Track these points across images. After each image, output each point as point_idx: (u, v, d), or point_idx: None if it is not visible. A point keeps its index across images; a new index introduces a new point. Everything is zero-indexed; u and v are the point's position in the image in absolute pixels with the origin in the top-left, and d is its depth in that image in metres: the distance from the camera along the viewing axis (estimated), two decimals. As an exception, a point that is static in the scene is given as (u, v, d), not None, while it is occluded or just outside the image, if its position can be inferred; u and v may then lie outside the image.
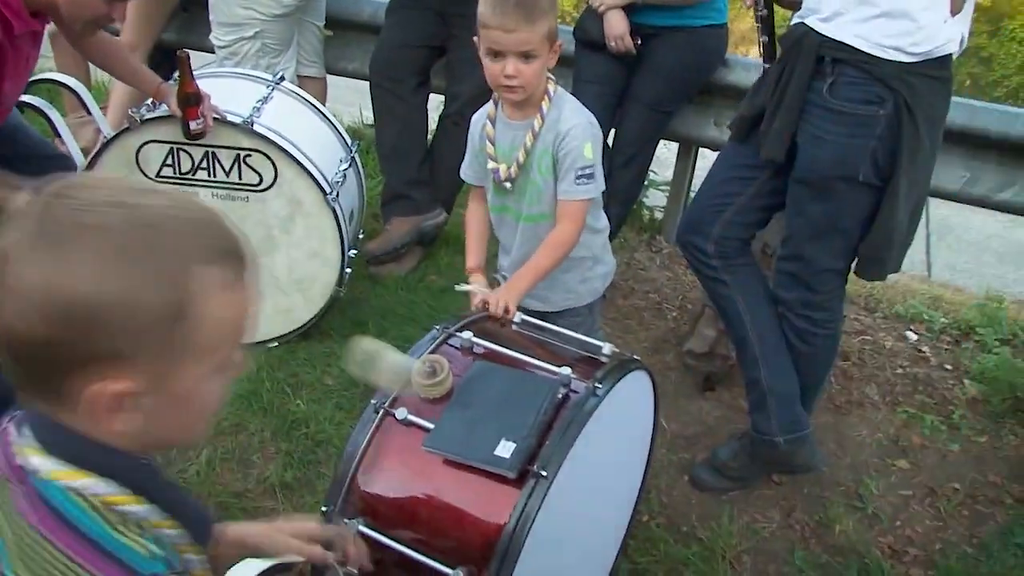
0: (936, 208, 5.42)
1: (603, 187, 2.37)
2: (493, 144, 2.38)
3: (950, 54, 2.27)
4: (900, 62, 2.20)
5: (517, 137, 2.32)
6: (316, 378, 3.16)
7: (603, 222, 2.53)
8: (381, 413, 1.84)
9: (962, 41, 2.28)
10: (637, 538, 2.66)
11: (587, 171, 2.26)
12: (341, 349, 3.27)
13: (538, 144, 2.29)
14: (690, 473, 2.91)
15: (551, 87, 2.29)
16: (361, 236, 3.62)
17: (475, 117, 2.46)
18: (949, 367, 3.54)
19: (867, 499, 2.89)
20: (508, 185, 2.37)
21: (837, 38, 2.27)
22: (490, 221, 2.54)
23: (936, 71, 2.25)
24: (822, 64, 2.31)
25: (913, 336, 3.73)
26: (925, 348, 3.65)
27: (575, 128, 2.27)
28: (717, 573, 2.60)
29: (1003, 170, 3.38)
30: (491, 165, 2.38)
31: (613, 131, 3.50)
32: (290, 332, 3.29)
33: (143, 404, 0.91)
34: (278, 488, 2.78)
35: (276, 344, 3.28)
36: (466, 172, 2.53)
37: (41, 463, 0.92)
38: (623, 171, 3.46)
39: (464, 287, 2.33)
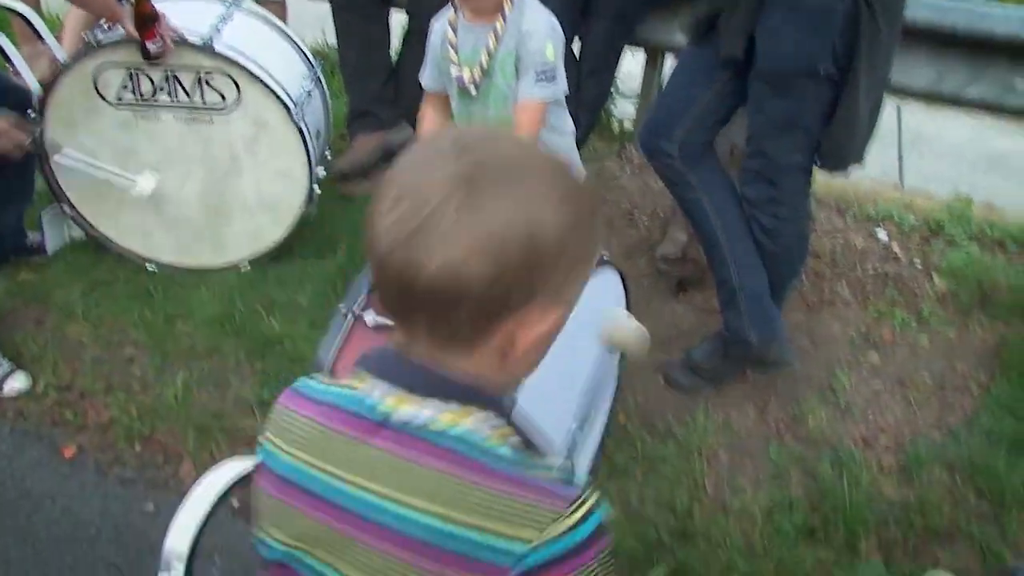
0: (909, 117, 5.43)
1: (565, 89, 2.35)
2: (455, 50, 2.36)
3: None
4: None
5: (479, 40, 2.30)
6: (289, 298, 3.16)
7: (569, 125, 2.52)
8: (350, 318, 1.85)
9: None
10: (614, 437, 2.70)
11: (547, 72, 2.25)
12: (313, 269, 3.27)
13: (501, 47, 2.27)
14: (664, 373, 2.94)
15: None
16: (329, 156, 3.59)
17: (435, 23, 2.43)
18: (919, 264, 3.57)
19: (839, 392, 2.94)
20: (473, 90, 2.35)
21: None
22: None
23: None
24: None
25: (883, 235, 3.75)
26: (895, 246, 3.68)
27: (537, 29, 2.25)
28: (694, 470, 2.66)
29: (970, 67, 3.36)
30: (454, 71, 2.36)
31: (579, 40, 3.46)
32: (261, 254, 3.27)
33: (545, 343, 0.95)
34: (256, 406, 2.80)
35: (248, 266, 3.27)
36: (425, 78, 2.51)
37: (416, 412, 0.92)
38: (590, 80, 3.43)
39: None
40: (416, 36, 3.53)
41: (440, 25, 2.41)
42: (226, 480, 1.65)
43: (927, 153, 5.22)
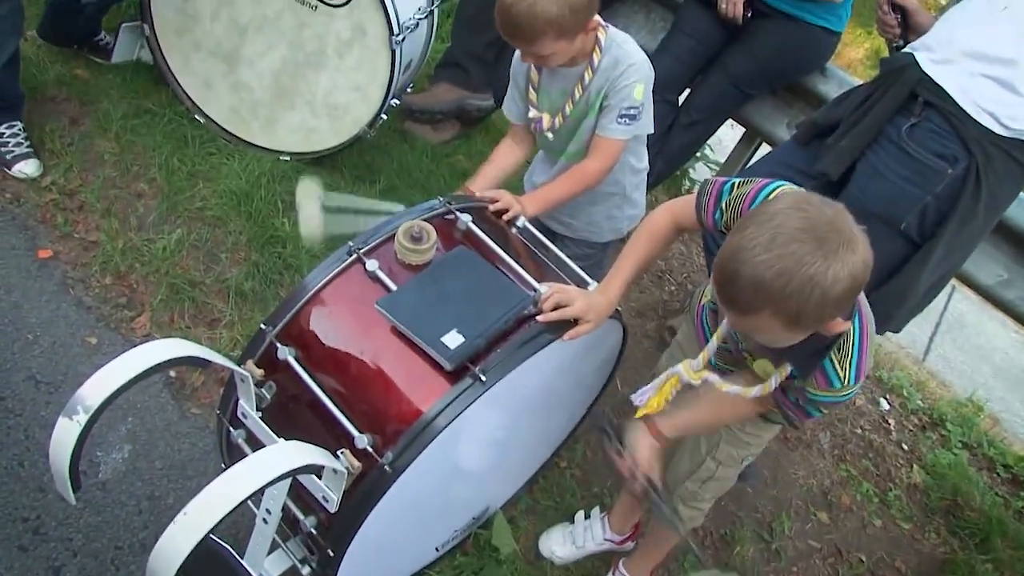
0: (957, 302, 5.36)
1: (649, 128, 2.25)
2: (536, 91, 2.24)
3: None
4: (989, 130, 2.11)
5: (568, 86, 2.17)
6: (311, 206, 3.11)
7: (643, 162, 2.42)
8: (353, 257, 1.80)
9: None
10: (548, 480, 2.65)
11: (632, 111, 2.13)
12: (346, 188, 3.22)
13: (589, 91, 2.15)
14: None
15: (601, 36, 2.12)
16: (409, 90, 3.53)
17: (517, 55, 2.23)
18: (906, 447, 3.50)
19: (776, 535, 2.88)
20: (550, 136, 2.26)
21: (938, 82, 2.18)
22: (513, 163, 2.36)
23: (1019, 153, 2.16)
24: (913, 102, 2.22)
25: (885, 405, 3.69)
26: (891, 421, 3.61)
27: (630, 68, 2.11)
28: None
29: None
30: (533, 114, 2.25)
31: (688, 91, 3.40)
32: (306, 153, 3.22)
33: None
34: (233, 293, 2.76)
35: (288, 159, 3.22)
36: (508, 108, 2.37)
37: None
38: (682, 132, 3.36)
39: None
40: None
41: (522, 61, 2.22)
42: (165, 356, 1.61)
43: (961, 342, 5.15)
